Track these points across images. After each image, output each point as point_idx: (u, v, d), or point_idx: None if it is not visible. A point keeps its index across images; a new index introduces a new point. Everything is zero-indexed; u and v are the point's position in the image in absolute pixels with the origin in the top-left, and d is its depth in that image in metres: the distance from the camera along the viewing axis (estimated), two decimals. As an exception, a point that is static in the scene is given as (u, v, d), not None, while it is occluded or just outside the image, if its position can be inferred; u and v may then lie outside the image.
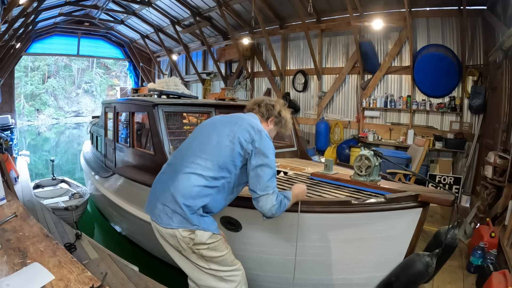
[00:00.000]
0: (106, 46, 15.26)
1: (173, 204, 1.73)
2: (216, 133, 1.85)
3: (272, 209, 1.72)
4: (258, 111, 2.02)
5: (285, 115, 2.06)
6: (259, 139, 1.78)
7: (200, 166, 1.76)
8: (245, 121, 1.87)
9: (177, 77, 7.74)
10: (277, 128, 2.08)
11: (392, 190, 2.20)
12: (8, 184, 3.40)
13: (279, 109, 2.04)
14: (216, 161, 1.76)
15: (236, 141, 1.77)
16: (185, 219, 1.71)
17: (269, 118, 2.03)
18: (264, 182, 1.72)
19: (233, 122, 1.87)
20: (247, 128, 1.81)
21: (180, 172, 1.78)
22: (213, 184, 1.76)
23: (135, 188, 3.34)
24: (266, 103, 2.03)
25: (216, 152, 1.78)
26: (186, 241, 1.73)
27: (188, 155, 1.84)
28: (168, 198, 1.76)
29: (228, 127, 1.84)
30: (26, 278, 1.28)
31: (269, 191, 1.72)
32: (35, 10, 8.48)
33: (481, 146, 5.62)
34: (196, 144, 1.88)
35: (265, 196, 1.71)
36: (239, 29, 9.84)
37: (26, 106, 24.59)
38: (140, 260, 3.42)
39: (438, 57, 6.02)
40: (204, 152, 1.80)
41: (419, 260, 1.88)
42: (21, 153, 8.77)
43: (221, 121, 1.95)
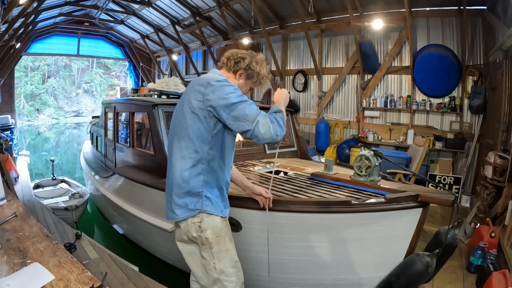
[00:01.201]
0: (106, 46, 15.26)
1: (172, 196, 1.74)
2: (178, 112, 1.79)
3: (273, 129, 1.58)
4: (226, 65, 1.83)
5: (257, 68, 1.82)
6: (209, 88, 1.62)
7: (178, 149, 1.72)
8: (196, 81, 1.73)
9: (177, 77, 7.73)
10: (250, 83, 1.86)
11: (392, 190, 2.20)
12: (8, 184, 3.40)
13: (249, 61, 1.80)
14: (187, 136, 1.68)
15: (192, 107, 1.66)
16: (186, 206, 1.70)
17: (237, 71, 1.81)
18: (245, 116, 1.57)
19: (186, 91, 1.77)
20: (195, 88, 1.68)
21: (170, 165, 1.79)
22: (198, 158, 1.68)
23: (135, 188, 3.34)
24: (235, 55, 1.82)
25: (183, 128, 1.69)
26: (195, 227, 1.71)
27: (170, 147, 1.82)
28: (169, 192, 1.79)
29: (184, 100, 1.74)
30: (26, 278, 1.28)
31: (256, 117, 1.57)
32: (35, 10, 8.48)
33: (481, 146, 5.63)
34: (171, 133, 1.84)
35: (257, 125, 1.56)
36: (239, 29, 9.84)
37: (26, 106, 24.58)
38: (140, 260, 3.42)
39: (438, 57, 6.02)
40: (176, 135, 1.76)
41: (419, 260, 1.88)
42: (21, 153, 8.77)
43: (181, 98, 1.84)
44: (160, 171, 3.13)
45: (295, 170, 3.21)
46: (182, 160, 1.70)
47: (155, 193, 3.01)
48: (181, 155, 1.71)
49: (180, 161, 1.71)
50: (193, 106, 1.66)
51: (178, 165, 1.71)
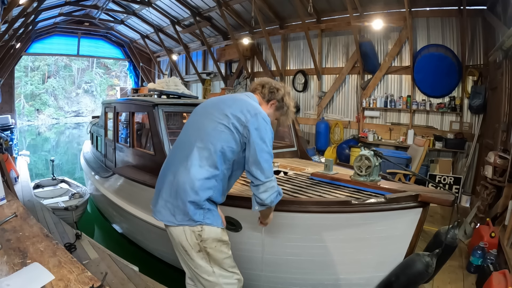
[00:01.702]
0: (106, 46, 15.26)
1: (175, 200, 1.67)
2: (209, 117, 1.74)
3: (272, 197, 1.66)
4: (260, 92, 1.90)
5: (288, 102, 1.93)
6: (256, 121, 1.67)
7: (198, 156, 1.67)
8: (240, 102, 1.75)
9: (177, 77, 7.74)
10: (277, 114, 1.95)
11: (392, 190, 2.20)
12: (8, 184, 3.40)
13: (283, 94, 1.92)
14: (214, 149, 1.66)
15: (231, 125, 1.66)
16: (187, 215, 1.65)
17: (270, 101, 1.90)
18: (265, 169, 1.63)
19: (227, 104, 1.75)
20: (242, 110, 1.69)
21: (180, 164, 1.71)
22: (214, 174, 1.67)
23: (135, 188, 3.34)
24: (271, 85, 1.91)
25: (212, 139, 1.67)
26: (195, 236, 1.67)
27: (185, 146, 1.75)
28: (170, 193, 1.69)
29: (221, 111, 1.72)
30: (26, 278, 1.28)
31: (271, 177, 1.65)
32: (35, 10, 8.48)
33: (481, 146, 5.63)
34: (191, 132, 1.78)
35: (268, 183, 1.64)
36: (239, 29, 9.84)
37: (26, 106, 24.58)
38: (140, 260, 3.42)
39: (438, 57, 6.02)
40: (200, 141, 1.69)
41: (419, 260, 1.88)
42: (21, 153, 8.77)
43: (214, 104, 1.83)
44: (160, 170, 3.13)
45: (295, 170, 3.21)
46: (200, 168, 1.66)
47: (155, 193, 3.01)
48: (199, 164, 1.66)
49: (196, 169, 1.65)
50: (233, 123, 1.66)
51: (193, 172, 1.65)
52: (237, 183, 2.82)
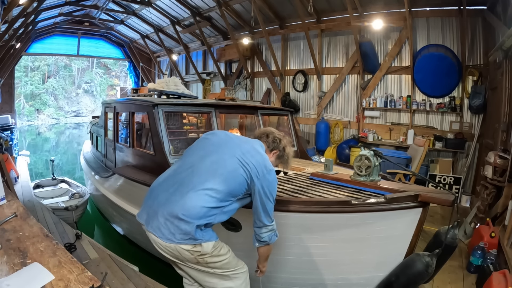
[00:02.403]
0: (106, 46, 15.26)
1: (177, 221, 1.70)
2: (231, 155, 1.85)
3: (271, 236, 1.87)
4: (265, 141, 2.08)
5: (288, 152, 2.12)
6: (269, 177, 1.84)
7: (213, 188, 1.75)
8: (260, 155, 1.91)
9: (177, 77, 7.74)
10: (277, 162, 2.14)
11: (392, 190, 2.20)
12: (8, 184, 3.40)
13: (285, 144, 2.11)
14: (229, 187, 1.77)
15: (249, 173, 1.80)
16: (189, 235, 1.71)
17: (274, 150, 2.08)
18: (271, 215, 1.85)
19: (250, 153, 1.88)
20: (260, 164, 1.84)
21: (191, 189, 1.75)
22: (220, 205, 1.77)
23: (135, 188, 3.34)
24: (274, 135, 2.10)
25: (231, 178, 1.79)
26: (191, 253, 1.75)
27: (201, 172, 1.81)
28: (172, 213, 1.72)
29: (244, 155, 1.85)
30: (26, 278, 1.28)
31: (273, 221, 1.87)
32: (35, 10, 8.48)
33: (481, 146, 5.63)
34: (209, 162, 1.85)
35: (270, 226, 1.86)
36: (239, 29, 9.84)
37: (26, 106, 24.58)
38: (140, 260, 3.41)
39: (438, 57, 6.02)
40: (218, 175, 1.78)
41: (419, 260, 1.88)
42: (21, 153, 8.77)
43: (237, 143, 1.95)
44: (160, 171, 3.12)
45: (295, 170, 3.21)
46: (210, 198, 1.74)
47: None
48: (212, 195, 1.74)
49: (207, 198, 1.73)
50: (251, 172, 1.81)
51: (203, 201, 1.72)
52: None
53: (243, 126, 4.75)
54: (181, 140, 3.92)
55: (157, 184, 1.92)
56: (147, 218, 1.82)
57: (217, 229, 1.91)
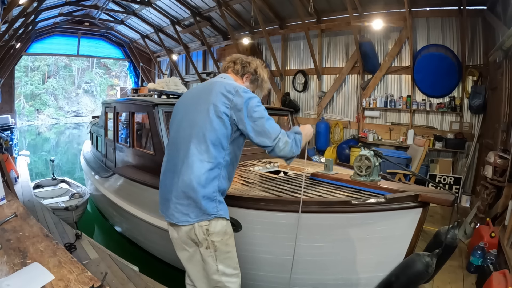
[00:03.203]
0: (106, 46, 15.26)
1: (186, 200, 1.69)
2: (196, 110, 1.76)
3: (290, 148, 1.69)
4: (233, 68, 1.94)
5: (261, 74, 1.98)
6: (239, 98, 1.68)
7: (196, 151, 1.68)
8: (218, 85, 1.75)
9: (177, 77, 7.74)
10: (252, 87, 1.99)
11: (392, 190, 2.20)
12: (8, 184, 3.40)
13: (256, 66, 1.96)
14: (209, 140, 1.68)
15: (218, 112, 1.67)
16: (202, 210, 1.67)
17: (244, 74, 1.94)
18: (268, 133, 1.66)
19: (207, 92, 1.76)
20: (222, 93, 1.70)
21: (181, 164, 1.72)
22: (216, 163, 1.70)
23: (135, 188, 3.34)
24: (241, 59, 1.95)
25: (205, 131, 1.68)
26: (203, 231, 1.69)
27: (181, 145, 1.76)
28: (179, 194, 1.70)
29: (205, 100, 1.73)
30: (26, 278, 1.28)
31: (278, 135, 1.67)
32: (35, 10, 8.48)
33: (481, 146, 5.63)
34: (182, 130, 1.79)
35: (278, 142, 1.66)
36: (239, 29, 9.84)
37: (26, 106, 24.59)
38: (140, 260, 3.42)
39: (438, 57, 6.02)
40: (194, 136, 1.70)
41: (419, 260, 1.88)
42: (21, 153, 8.77)
43: (194, 96, 1.85)
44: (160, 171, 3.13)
45: (295, 170, 3.21)
46: (201, 163, 1.67)
47: (155, 193, 3.01)
48: (199, 158, 1.68)
49: (198, 164, 1.67)
50: (220, 110, 1.67)
51: (196, 168, 1.67)
52: (237, 183, 2.82)
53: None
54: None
55: (161, 175, 1.93)
56: (162, 208, 1.84)
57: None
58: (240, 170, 3.31)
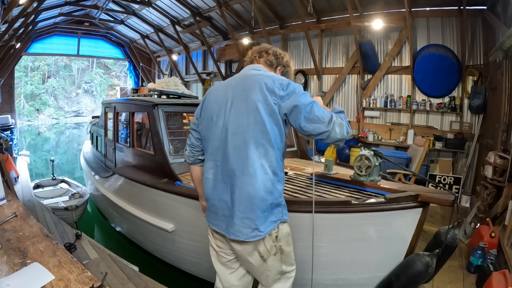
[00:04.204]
0: (106, 46, 15.26)
1: (254, 212, 1.52)
2: (241, 111, 1.56)
3: (346, 129, 1.56)
4: (266, 59, 1.76)
5: (291, 68, 1.86)
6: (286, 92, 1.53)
7: (256, 157, 1.52)
8: (260, 80, 1.57)
9: (177, 77, 7.73)
10: None
11: (392, 190, 2.20)
12: (8, 184, 3.40)
13: (288, 59, 1.83)
14: (267, 142, 1.53)
15: (269, 110, 1.52)
16: (271, 219, 1.56)
17: (278, 66, 1.79)
18: (321, 118, 1.50)
19: (249, 88, 1.57)
20: (268, 87, 1.54)
21: (240, 174, 1.53)
22: (275, 165, 1.57)
23: (135, 188, 3.34)
24: (274, 50, 1.79)
25: (260, 132, 1.53)
26: (272, 239, 1.58)
27: (230, 150, 1.56)
28: (245, 208, 1.53)
29: (249, 98, 1.54)
30: (26, 278, 1.28)
31: (331, 118, 1.52)
32: (35, 10, 8.48)
33: (481, 146, 5.62)
34: (231, 136, 1.57)
35: (334, 126, 1.51)
36: (239, 29, 9.84)
37: (26, 106, 24.59)
38: (140, 260, 3.42)
39: (438, 57, 6.02)
40: (249, 140, 1.53)
41: (419, 260, 1.88)
42: (21, 153, 8.77)
43: (232, 93, 1.62)
44: (160, 171, 3.14)
45: (295, 170, 3.21)
46: (263, 169, 1.53)
47: (155, 193, 3.01)
48: (261, 164, 1.52)
49: (261, 171, 1.52)
50: (271, 108, 1.52)
51: (259, 176, 1.52)
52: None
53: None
54: (181, 140, 3.92)
55: (209, 188, 1.68)
56: (221, 224, 1.64)
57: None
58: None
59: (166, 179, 3.02)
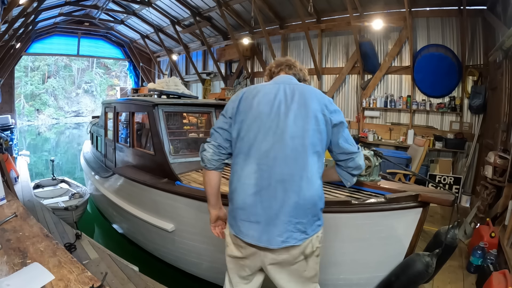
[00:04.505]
0: (106, 46, 15.27)
1: (306, 217, 1.53)
2: (305, 116, 1.56)
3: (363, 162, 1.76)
4: (295, 72, 1.81)
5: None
6: (333, 107, 1.64)
7: (313, 163, 1.55)
8: (313, 91, 1.67)
9: (177, 77, 7.74)
10: None
11: (392, 190, 2.20)
12: (8, 184, 3.40)
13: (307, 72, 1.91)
14: (321, 150, 1.60)
15: (324, 121, 1.59)
16: (317, 222, 1.59)
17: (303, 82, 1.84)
18: (353, 141, 1.70)
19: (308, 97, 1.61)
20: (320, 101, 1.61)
21: (298, 179, 1.52)
22: (321, 171, 1.63)
23: (135, 188, 3.34)
24: (300, 67, 1.86)
25: (316, 140, 1.57)
26: (318, 240, 1.61)
27: (290, 157, 1.53)
28: (298, 213, 1.51)
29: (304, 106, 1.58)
30: (26, 278, 1.28)
31: (357, 145, 1.74)
32: (35, 10, 8.48)
33: (481, 146, 5.63)
34: (290, 136, 1.53)
35: (360, 152, 1.72)
36: (239, 29, 9.84)
37: (26, 106, 24.59)
38: (140, 260, 3.42)
39: (438, 57, 6.02)
40: (308, 147, 1.54)
41: (419, 260, 1.88)
42: (21, 153, 8.77)
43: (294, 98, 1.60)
44: (160, 171, 3.14)
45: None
46: (317, 175, 1.58)
47: (155, 193, 3.01)
48: (316, 170, 1.58)
49: (316, 176, 1.57)
50: (326, 119, 1.59)
51: (315, 181, 1.56)
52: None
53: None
54: (181, 140, 3.92)
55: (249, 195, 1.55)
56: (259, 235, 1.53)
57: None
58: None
59: (166, 179, 3.02)
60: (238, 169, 1.60)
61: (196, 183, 2.90)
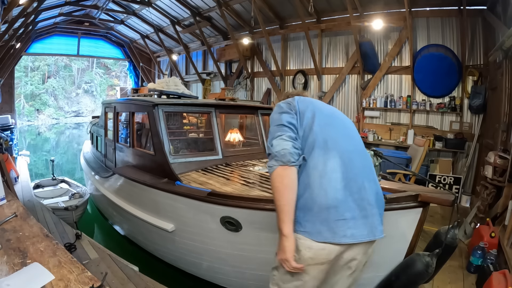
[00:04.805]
0: (106, 46, 15.27)
1: (381, 209, 1.61)
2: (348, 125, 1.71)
3: None
4: None
5: None
6: None
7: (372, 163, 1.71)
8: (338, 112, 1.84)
9: (177, 77, 7.74)
10: None
11: (392, 190, 2.19)
12: (8, 184, 3.40)
13: None
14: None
15: None
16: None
17: None
18: None
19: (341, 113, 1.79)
20: None
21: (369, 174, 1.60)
22: None
23: (135, 188, 3.34)
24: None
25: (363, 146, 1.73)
26: None
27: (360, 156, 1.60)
28: (381, 204, 1.60)
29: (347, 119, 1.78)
30: (26, 278, 1.28)
31: None
32: (35, 10, 8.48)
33: (481, 146, 5.63)
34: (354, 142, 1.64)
35: None
36: (239, 29, 9.85)
37: (26, 106, 24.59)
38: (140, 260, 3.42)
39: (438, 57, 6.02)
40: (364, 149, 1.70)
41: (419, 260, 1.88)
42: (21, 153, 8.76)
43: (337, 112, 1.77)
44: (160, 171, 3.14)
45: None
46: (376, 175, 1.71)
47: (155, 193, 3.01)
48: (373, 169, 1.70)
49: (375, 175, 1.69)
50: None
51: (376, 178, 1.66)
52: (237, 183, 2.82)
53: (243, 126, 4.75)
54: (181, 140, 3.92)
55: (338, 190, 1.45)
56: (370, 226, 1.50)
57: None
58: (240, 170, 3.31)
59: (166, 179, 3.02)
60: (319, 164, 1.45)
61: (196, 183, 2.90)
